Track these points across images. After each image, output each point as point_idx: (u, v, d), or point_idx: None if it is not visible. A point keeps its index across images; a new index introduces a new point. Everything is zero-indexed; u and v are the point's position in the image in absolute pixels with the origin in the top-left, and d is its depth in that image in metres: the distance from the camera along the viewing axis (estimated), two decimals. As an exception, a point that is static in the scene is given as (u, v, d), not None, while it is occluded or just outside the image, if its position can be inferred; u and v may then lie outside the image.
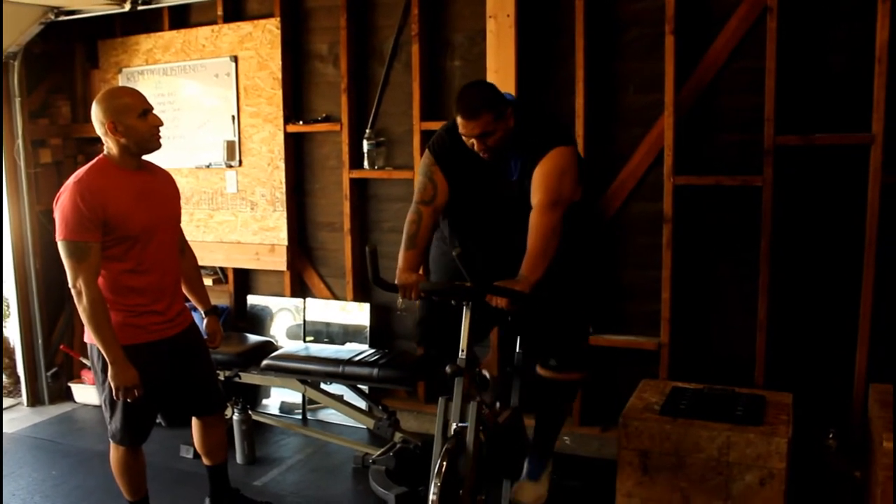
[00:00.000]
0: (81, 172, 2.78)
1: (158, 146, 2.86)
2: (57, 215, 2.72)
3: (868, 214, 3.36)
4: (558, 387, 3.16)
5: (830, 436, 3.45)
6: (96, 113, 2.77)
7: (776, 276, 3.58)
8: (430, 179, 2.90)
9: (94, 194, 2.70)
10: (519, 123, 2.78)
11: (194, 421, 3.20)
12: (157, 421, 3.08)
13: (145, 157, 2.92)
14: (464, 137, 2.76)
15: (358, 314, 4.48)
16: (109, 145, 2.81)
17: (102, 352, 2.74)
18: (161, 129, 2.86)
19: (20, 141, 4.73)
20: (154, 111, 2.84)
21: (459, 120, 2.71)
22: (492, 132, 2.70)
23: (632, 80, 3.80)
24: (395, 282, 2.81)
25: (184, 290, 3.16)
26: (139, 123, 2.77)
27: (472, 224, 2.98)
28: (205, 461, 3.27)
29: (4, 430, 4.31)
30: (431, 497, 2.46)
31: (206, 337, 3.18)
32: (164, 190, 2.99)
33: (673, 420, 3.15)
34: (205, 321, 3.21)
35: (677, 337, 3.79)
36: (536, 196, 2.71)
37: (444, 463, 2.50)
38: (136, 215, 2.79)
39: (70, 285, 2.72)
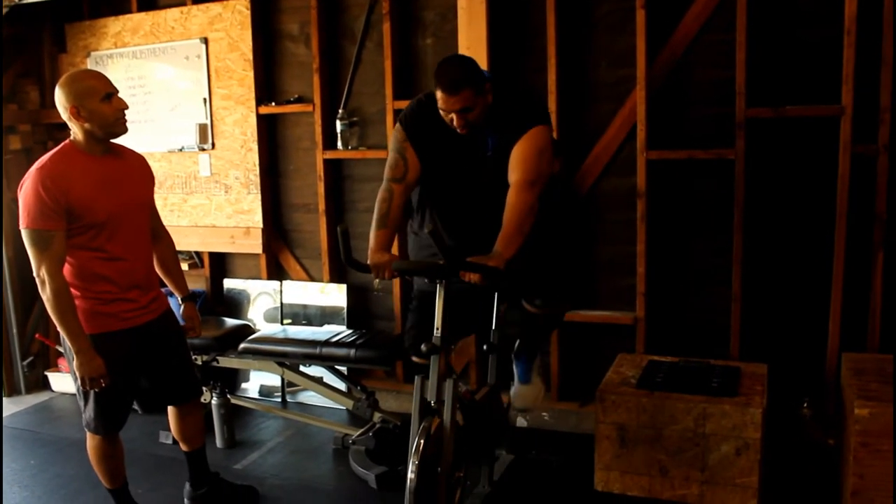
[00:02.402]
0: (45, 159, 2.72)
1: (124, 130, 2.79)
2: (20, 203, 2.66)
3: (839, 185, 3.39)
4: (544, 318, 3.18)
5: (805, 405, 3.49)
6: (59, 97, 2.71)
7: (750, 248, 3.61)
8: (402, 156, 2.86)
9: (55, 182, 2.63)
10: (496, 99, 2.77)
11: (170, 409, 3.18)
12: (134, 407, 3.05)
13: (117, 141, 2.87)
14: (442, 112, 2.72)
15: (335, 295, 4.47)
16: (74, 130, 2.75)
17: (67, 341, 2.71)
18: (133, 113, 2.80)
19: (-12, 128, 4.67)
20: (119, 94, 2.77)
21: (440, 94, 2.68)
22: (472, 107, 2.68)
23: (604, 55, 3.79)
24: (368, 262, 2.77)
25: (161, 275, 3.13)
26: (103, 107, 2.70)
27: (444, 200, 2.96)
28: (182, 447, 3.25)
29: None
30: (410, 475, 2.47)
31: (183, 324, 3.15)
32: (134, 174, 2.92)
33: (650, 393, 3.18)
34: (182, 308, 3.18)
35: (653, 311, 3.82)
36: (514, 174, 2.70)
37: (422, 441, 2.51)
38: (102, 202, 2.73)
39: (34, 274, 2.67)
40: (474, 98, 2.67)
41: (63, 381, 4.89)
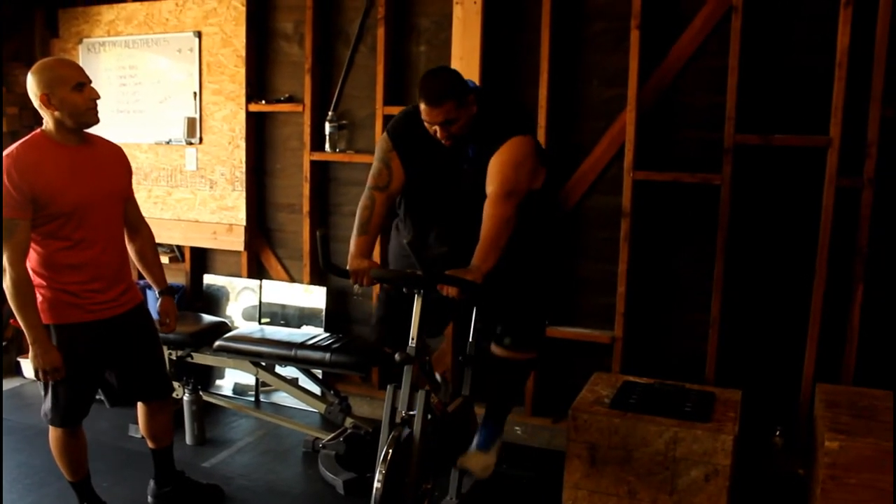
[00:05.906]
0: (14, 147, 2.70)
1: (96, 121, 2.77)
2: None
3: (822, 217, 3.40)
4: (512, 365, 3.12)
5: (777, 434, 3.50)
6: (30, 84, 2.69)
7: (731, 274, 3.61)
8: (387, 165, 2.86)
9: (22, 171, 2.61)
10: (481, 110, 2.76)
11: (140, 405, 3.15)
12: (99, 398, 3.02)
13: (92, 131, 2.84)
14: (426, 124, 2.73)
15: (314, 297, 4.44)
16: (45, 118, 2.73)
17: (24, 331, 2.68)
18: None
19: (-26, 109, 4.62)
20: (92, 84, 2.75)
21: (423, 107, 2.68)
22: (455, 119, 2.68)
23: (596, 74, 3.79)
24: (347, 268, 2.77)
25: (139, 268, 3.10)
26: (74, 96, 2.68)
27: (427, 211, 2.95)
28: (149, 444, 3.22)
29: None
30: (376, 485, 2.46)
31: (158, 318, 3.12)
32: (106, 164, 2.89)
33: (622, 414, 3.17)
34: (158, 301, 3.14)
35: (631, 331, 3.81)
36: (491, 186, 2.68)
37: (391, 451, 2.50)
38: (69, 192, 2.70)
39: None
40: (456, 110, 2.66)
41: (35, 369, 4.83)
